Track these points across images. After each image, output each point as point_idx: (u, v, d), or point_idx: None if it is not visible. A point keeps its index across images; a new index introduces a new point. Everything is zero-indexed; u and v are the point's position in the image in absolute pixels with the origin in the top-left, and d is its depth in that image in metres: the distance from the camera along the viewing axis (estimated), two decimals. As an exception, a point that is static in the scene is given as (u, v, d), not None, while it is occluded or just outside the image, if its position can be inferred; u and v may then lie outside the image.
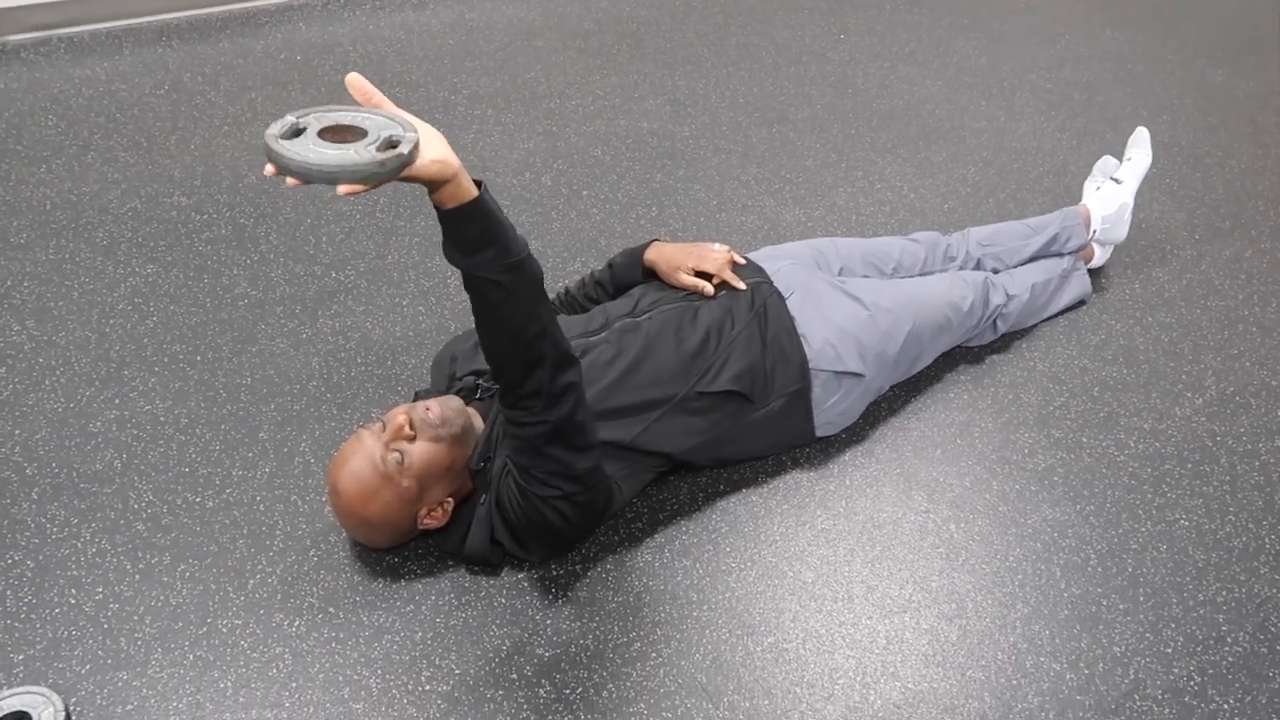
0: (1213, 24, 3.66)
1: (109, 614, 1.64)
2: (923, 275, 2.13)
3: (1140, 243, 2.49)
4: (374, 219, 2.49)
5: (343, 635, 1.63)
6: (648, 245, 1.94)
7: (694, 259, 1.87)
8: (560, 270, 2.36)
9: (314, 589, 1.69)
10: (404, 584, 1.70)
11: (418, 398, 1.82)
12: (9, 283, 2.28)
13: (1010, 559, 1.78)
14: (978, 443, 1.99)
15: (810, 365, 1.84)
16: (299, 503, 1.82)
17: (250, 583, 1.69)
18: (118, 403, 2.00)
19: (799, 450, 1.94)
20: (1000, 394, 2.09)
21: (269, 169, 1.16)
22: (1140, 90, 3.21)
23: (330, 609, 1.66)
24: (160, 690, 1.54)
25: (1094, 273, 2.38)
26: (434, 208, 1.31)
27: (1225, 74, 3.32)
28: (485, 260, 1.34)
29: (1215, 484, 1.93)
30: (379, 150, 1.16)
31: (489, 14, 3.47)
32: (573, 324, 1.81)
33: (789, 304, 1.87)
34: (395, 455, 1.57)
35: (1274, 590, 1.75)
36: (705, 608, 1.68)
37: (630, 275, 1.95)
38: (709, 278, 1.87)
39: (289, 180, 1.15)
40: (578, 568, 1.73)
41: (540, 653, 1.61)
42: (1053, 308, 2.26)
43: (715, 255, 1.88)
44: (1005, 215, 2.61)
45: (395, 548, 1.73)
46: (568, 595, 1.69)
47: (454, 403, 1.65)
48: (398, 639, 1.62)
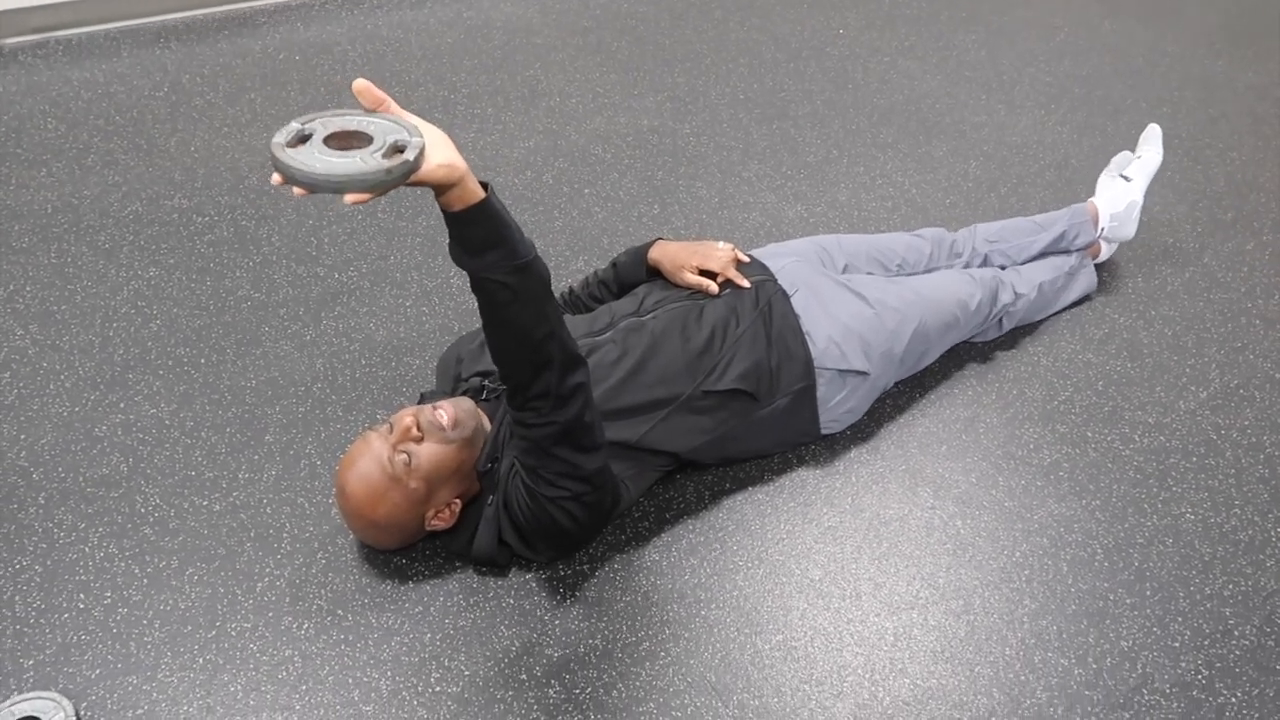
0: (1212, 15, 3.65)
1: (118, 618, 1.64)
2: (928, 272, 2.13)
3: (1142, 236, 2.48)
4: (376, 220, 2.49)
5: (352, 637, 1.63)
6: (651, 244, 1.94)
7: (698, 257, 1.87)
8: (563, 269, 2.35)
9: (322, 591, 1.69)
10: (412, 585, 1.70)
11: (423, 399, 1.81)
12: (11, 287, 2.28)
13: (1017, 554, 1.79)
14: (983, 438, 1.99)
15: (815, 363, 1.84)
16: (306, 505, 1.82)
17: (259, 586, 1.70)
18: (123, 406, 2.00)
19: (805, 448, 1.95)
20: (1005, 389, 2.10)
21: (275, 178, 1.16)
22: (1140, 83, 3.20)
23: (339, 611, 1.66)
24: (170, 694, 1.55)
25: (1097, 267, 2.37)
26: (441, 210, 1.31)
27: (1225, 66, 3.31)
28: (492, 262, 1.34)
29: (1220, 477, 1.94)
30: (385, 157, 1.16)
31: (487, 12, 3.46)
32: (578, 323, 1.81)
33: (794, 301, 1.87)
34: (403, 457, 1.57)
35: (1280, 583, 1.75)
36: (713, 606, 1.69)
37: (634, 274, 1.95)
38: (713, 276, 1.87)
39: (296, 190, 1.15)
40: (585, 568, 1.74)
41: (549, 653, 1.61)
42: (1059, 304, 2.26)
43: (719, 253, 1.88)
44: (1007, 209, 2.61)
45: (403, 549, 1.74)
46: (576, 595, 1.69)
47: (466, 404, 1.65)
48: (407, 640, 1.62)
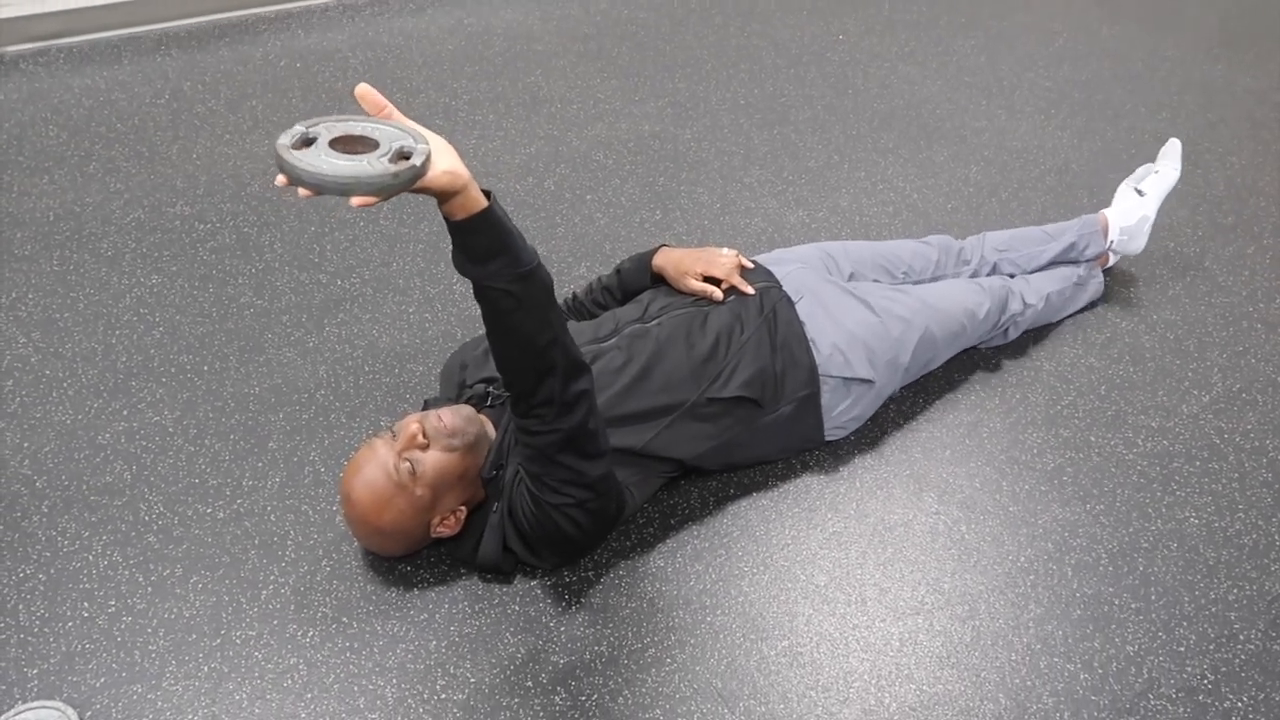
0: (1210, 20, 3.66)
1: (122, 627, 1.64)
2: (935, 279, 2.13)
3: (1143, 240, 2.49)
4: (378, 226, 2.49)
5: (357, 645, 1.62)
6: (656, 250, 1.94)
7: (702, 264, 1.87)
8: (566, 275, 2.36)
9: (327, 599, 1.69)
10: (417, 593, 1.70)
11: (427, 406, 1.81)
12: (14, 294, 2.27)
13: (1022, 559, 1.79)
14: (986, 443, 1.99)
15: (819, 371, 1.84)
16: (310, 512, 1.82)
17: (263, 593, 1.69)
18: (126, 414, 2.00)
19: (809, 453, 1.95)
20: (1008, 394, 2.10)
21: (280, 179, 1.15)
22: (1139, 87, 3.21)
23: (344, 619, 1.66)
24: (175, 703, 1.54)
25: (1099, 271, 2.38)
26: (444, 218, 1.31)
27: (1224, 70, 3.32)
28: (496, 270, 1.34)
29: (1224, 481, 1.94)
30: (391, 162, 1.16)
31: (487, 18, 3.47)
32: (582, 330, 1.81)
33: (799, 308, 1.87)
34: (408, 464, 1.56)
35: (1285, 587, 1.75)
36: (718, 612, 1.69)
37: (638, 280, 1.95)
38: (717, 282, 1.87)
39: (301, 191, 1.15)
40: (590, 574, 1.73)
41: (555, 660, 1.61)
42: (1065, 312, 2.26)
43: (723, 260, 1.88)
44: (1009, 214, 2.61)
45: (408, 556, 1.73)
46: (581, 602, 1.69)
47: (466, 411, 1.65)
48: (412, 648, 1.62)
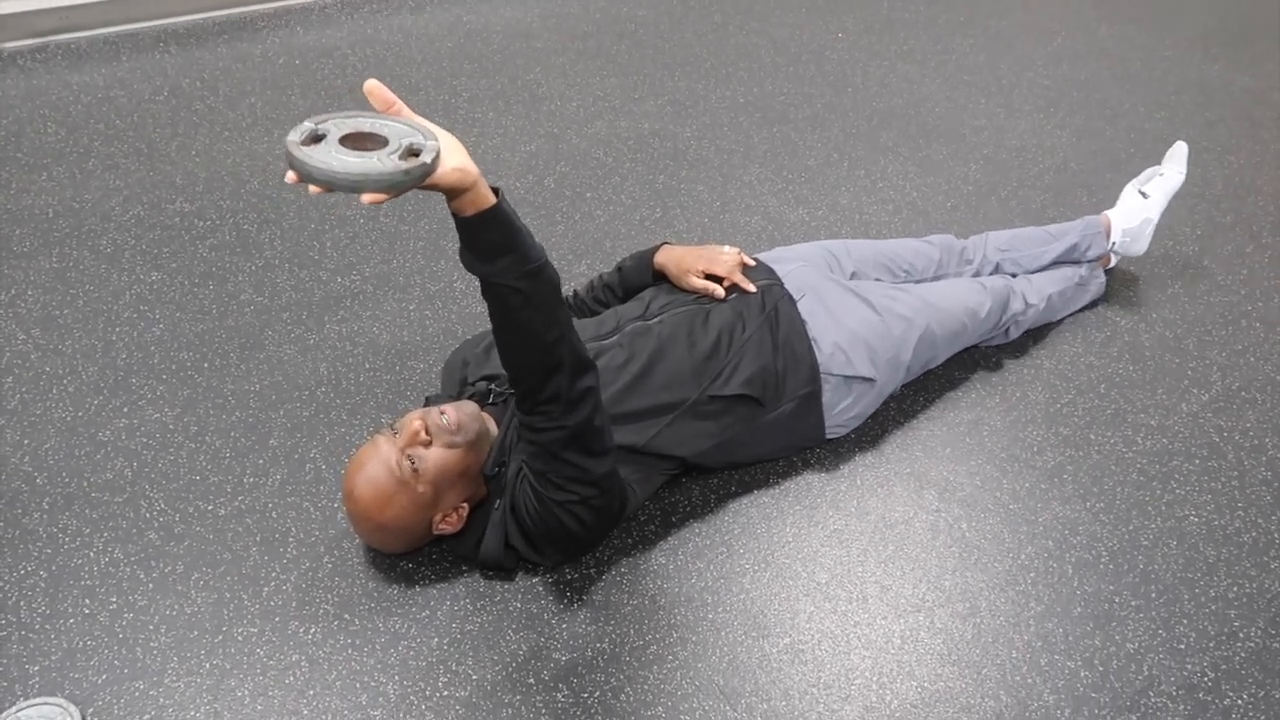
0: (1208, 18, 3.67)
1: (124, 623, 1.64)
2: (937, 278, 2.13)
3: (1142, 238, 2.50)
4: (378, 223, 2.48)
5: (359, 642, 1.62)
6: (657, 248, 1.94)
7: (704, 262, 1.87)
8: (566, 273, 2.35)
9: (329, 596, 1.69)
10: (419, 590, 1.70)
11: (429, 403, 1.81)
12: (13, 291, 2.27)
13: (1022, 557, 1.79)
14: (987, 441, 2.00)
15: (821, 369, 1.84)
16: (311, 509, 1.82)
17: (265, 590, 1.69)
18: (126, 411, 2.00)
19: (810, 451, 1.95)
20: (1008, 392, 2.10)
21: (290, 176, 1.15)
22: (1137, 86, 3.22)
23: (346, 615, 1.66)
24: (177, 700, 1.54)
25: (1098, 270, 2.39)
26: (452, 215, 1.31)
27: (1222, 69, 3.33)
28: (504, 267, 1.34)
29: (1224, 480, 1.94)
30: (401, 159, 1.16)
31: (486, 16, 3.47)
32: (584, 327, 1.81)
33: (800, 306, 1.87)
34: (410, 461, 1.56)
35: (1284, 585, 1.76)
36: (720, 610, 1.69)
37: (640, 278, 1.95)
38: (719, 280, 1.87)
39: (311, 188, 1.14)
40: (592, 571, 1.74)
41: (557, 657, 1.61)
42: (1066, 312, 2.27)
43: (725, 258, 1.88)
44: (1008, 212, 2.62)
45: (410, 553, 1.73)
46: (583, 599, 1.69)
47: (469, 408, 1.65)
48: (414, 645, 1.62)
